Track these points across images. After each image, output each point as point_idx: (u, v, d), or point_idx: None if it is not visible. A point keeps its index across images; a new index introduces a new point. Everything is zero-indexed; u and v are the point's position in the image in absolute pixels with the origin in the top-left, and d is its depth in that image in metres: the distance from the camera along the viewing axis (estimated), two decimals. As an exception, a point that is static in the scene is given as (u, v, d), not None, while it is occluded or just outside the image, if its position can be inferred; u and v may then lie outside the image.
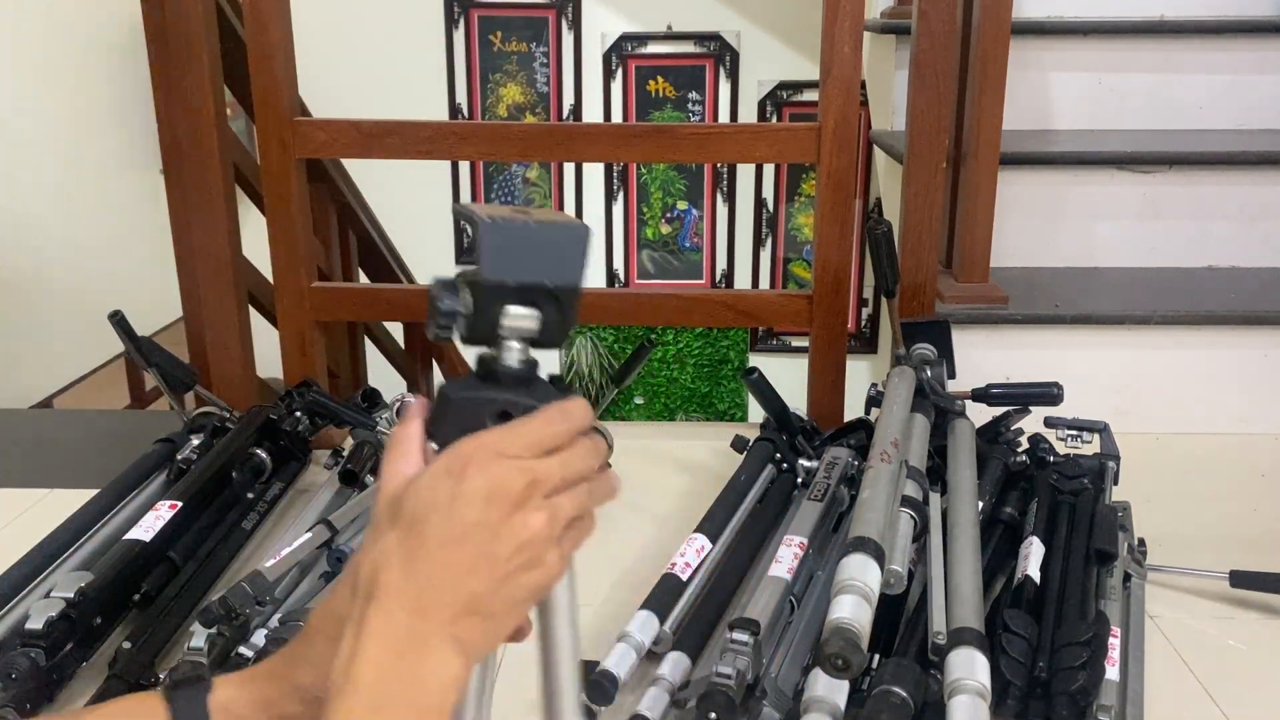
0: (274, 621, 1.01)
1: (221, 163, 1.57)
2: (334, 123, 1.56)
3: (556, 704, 0.56)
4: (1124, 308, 1.70)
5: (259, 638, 0.99)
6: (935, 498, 1.12)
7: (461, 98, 3.99)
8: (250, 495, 1.32)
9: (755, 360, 4.23)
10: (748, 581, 1.13)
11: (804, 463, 1.32)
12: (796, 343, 4.16)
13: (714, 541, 1.17)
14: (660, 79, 4.00)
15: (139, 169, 3.51)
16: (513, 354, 0.53)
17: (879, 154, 2.41)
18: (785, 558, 1.06)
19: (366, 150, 1.57)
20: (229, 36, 1.65)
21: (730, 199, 4.14)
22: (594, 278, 4.20)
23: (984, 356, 1.66)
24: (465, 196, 4.11)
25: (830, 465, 1.26)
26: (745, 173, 4.10)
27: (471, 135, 1.59)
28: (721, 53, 3.96)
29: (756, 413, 1.47)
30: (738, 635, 0.91)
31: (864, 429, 1.36)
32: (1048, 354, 1.69)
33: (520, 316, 0.52)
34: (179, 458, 1.33)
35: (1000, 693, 0.92)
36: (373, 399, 1.54)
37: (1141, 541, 1.24)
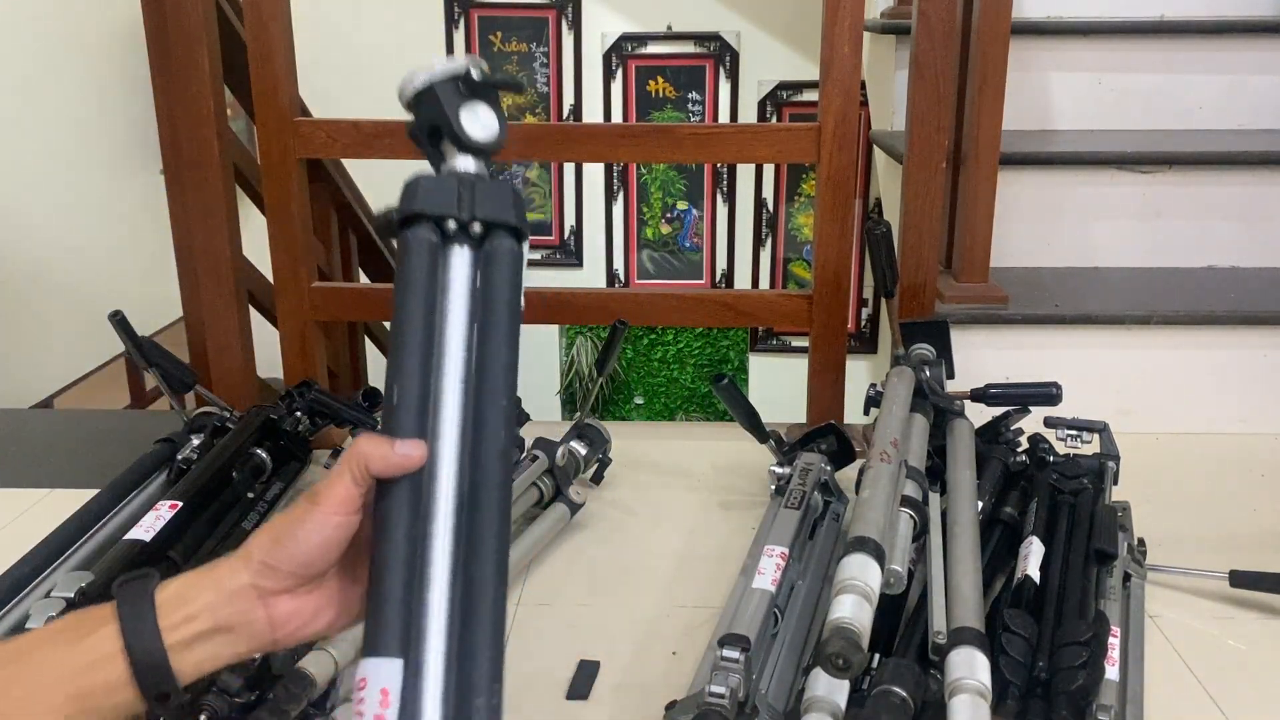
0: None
1: (221, 163, 1.57)
2: (334, 123, 1.56)
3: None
4: (1124, 308, 1.70)
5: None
6: (935, 498, 1.12)
7: (461, 98, 3.98)
8: (250, 495, 1.32)
9: (755, 360, 4.23)
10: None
11: (774, 468, 1.31)
12: (796, 343, 4.16)
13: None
14: (660, 79, 4.00)
15: (139, 169, 3.51)
16: None
17: (879, 154, 2.41)
18: (768, 569, 1.05)
19: (366, 150, 1.58)
20: (229, 36, 1.65)
21: (730, 199, 4.14)
22: (594, 278, 4.20)
23: (984, 356, 1.66)
24: (465, 196, 4.11)
25: (804, 471, 1.26)
26: (745, 173, 4.10)
27: (471, 135, 1.59)
28: (721, 53, 3.96)
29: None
30: (728, 653, 0.89)
31: (833, 433, 1.35)
32: (1047, 354, 1.69)
33: None
34: (179, 458, 1.33)
35: (1000, 692, 0.92)
36: (373, 399, 1.55)
37: (1141, 541, 1.24)
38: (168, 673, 0.57)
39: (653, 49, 3.98)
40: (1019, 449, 1.34)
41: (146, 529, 1.14)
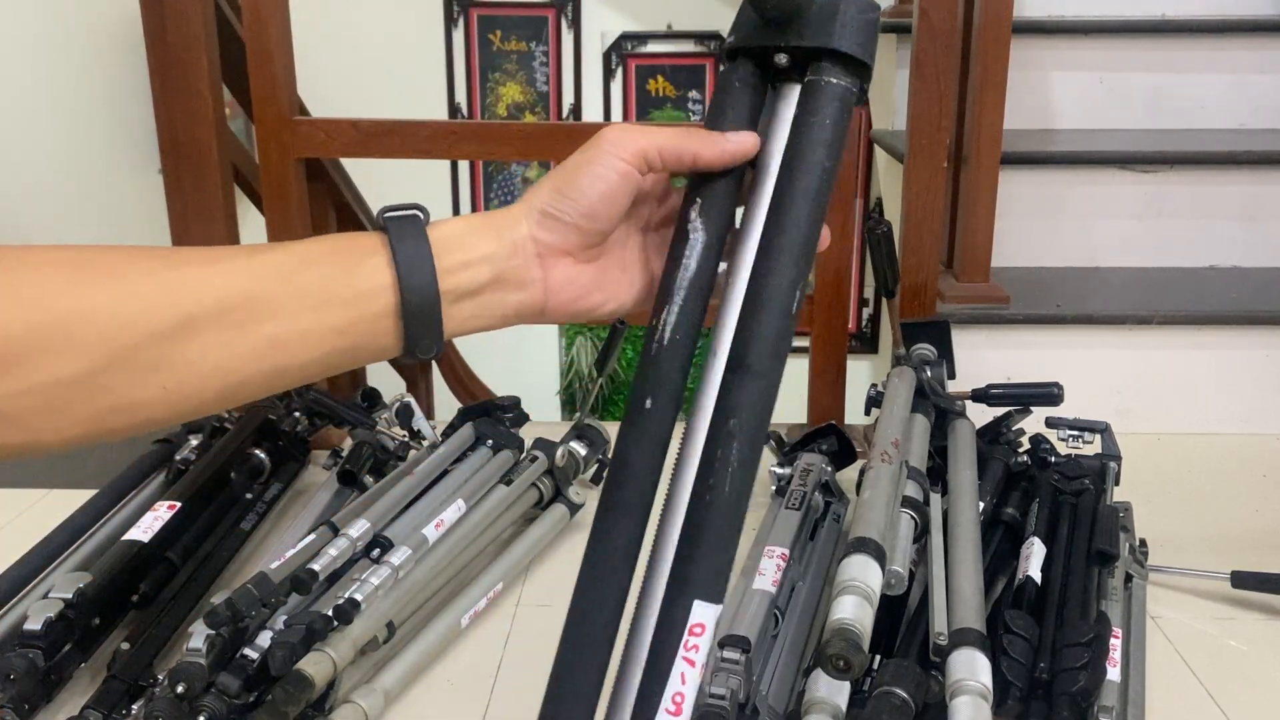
0: (279, 623, 1.00)
1: (221, 163, 1.57)
2: (333, 122, 1.56)
3: None
4: (1125, 308, 1.69)
5: (264, 639, 0.98)
6: (936, 498, 1.12)
7: (461, 97, 3.98)
8: (249, 496, 1.31)
9: (755, 360, 4.23)
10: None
11: (774, 469, 1.31)
12: (797, 343, 4.16)
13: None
14: (660, 78, 4.00)
15: (138, 169, 3.51)
16: None
17: (879, 154, 2.41)
18: (768, 570, 1.04)
19: (365, 150, 1.57)
20: (228, 36, 1.65)
21: (730, 199, 4.14)
22: (594, 277, 4.19)
23: (985, 356, 1.66)
24: (465, 196, 4.11)
25: (805, 472, 1.25)
26: (745, 172, 4.10)
27: (471, 135, 1.59)
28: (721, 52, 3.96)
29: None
30: (728, 654, 0.88)
31: (834, 434, 1.35)
32: (1049, 354, 1.69)
33: None
34: (177, 458, 1.33)
35: (1001, 693, 0.92)
36: (372, 399, 1.54)
37: (1143, 542, 1.24)
38: (437, 320, 0.51)
39: (653, 48, 3.98)
40: (1020, 449, 1.34)
41: (145, 529, 1.14)
